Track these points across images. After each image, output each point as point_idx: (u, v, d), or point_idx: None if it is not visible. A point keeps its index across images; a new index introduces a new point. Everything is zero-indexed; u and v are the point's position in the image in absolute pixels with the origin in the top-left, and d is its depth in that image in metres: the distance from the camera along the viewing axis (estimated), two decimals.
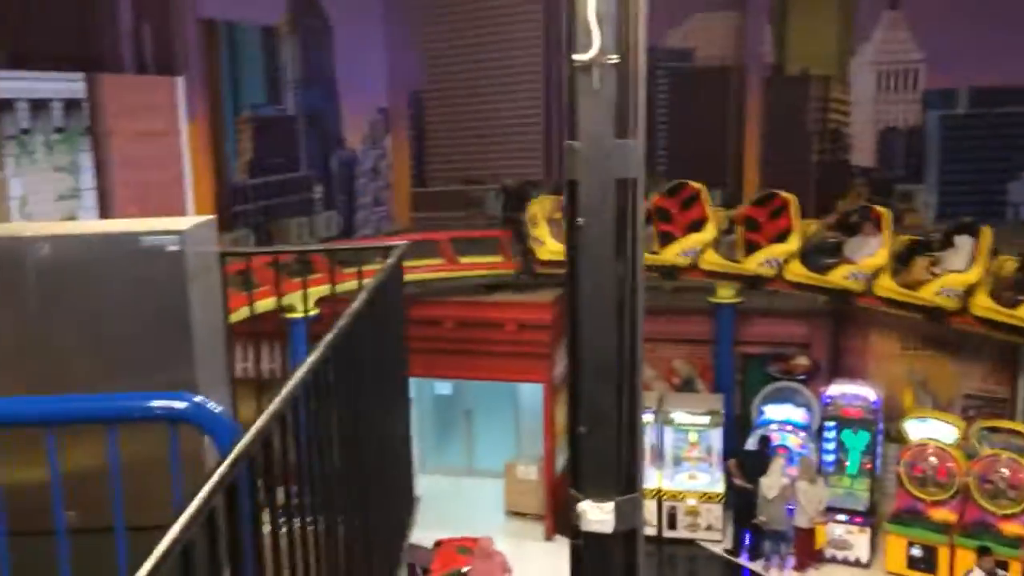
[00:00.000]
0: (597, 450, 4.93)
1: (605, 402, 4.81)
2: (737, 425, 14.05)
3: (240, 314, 5.18)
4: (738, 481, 12.74)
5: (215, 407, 1.67)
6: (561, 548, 13.31)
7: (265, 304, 11.33)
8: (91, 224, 4.19)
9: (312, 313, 11.90)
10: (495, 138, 17.98)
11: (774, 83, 16.31)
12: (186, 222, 3.39)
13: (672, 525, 13.43)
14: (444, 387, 15.02)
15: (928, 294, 12.65)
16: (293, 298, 11.34)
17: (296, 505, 1.87)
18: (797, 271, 13.23)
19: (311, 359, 2.04)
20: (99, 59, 13.06)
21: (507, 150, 17.84)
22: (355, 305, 2.54)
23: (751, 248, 13.60)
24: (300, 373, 1.94)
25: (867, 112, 15.94)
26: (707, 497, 13.41)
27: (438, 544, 11.27)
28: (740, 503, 12.84)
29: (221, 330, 3.61)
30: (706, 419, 13.57)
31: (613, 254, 4.57)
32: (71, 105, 12.15)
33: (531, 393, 14.15)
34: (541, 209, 13.77)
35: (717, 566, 13.14)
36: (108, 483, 2.60)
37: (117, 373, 3.31)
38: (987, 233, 12.80)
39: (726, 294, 13.90)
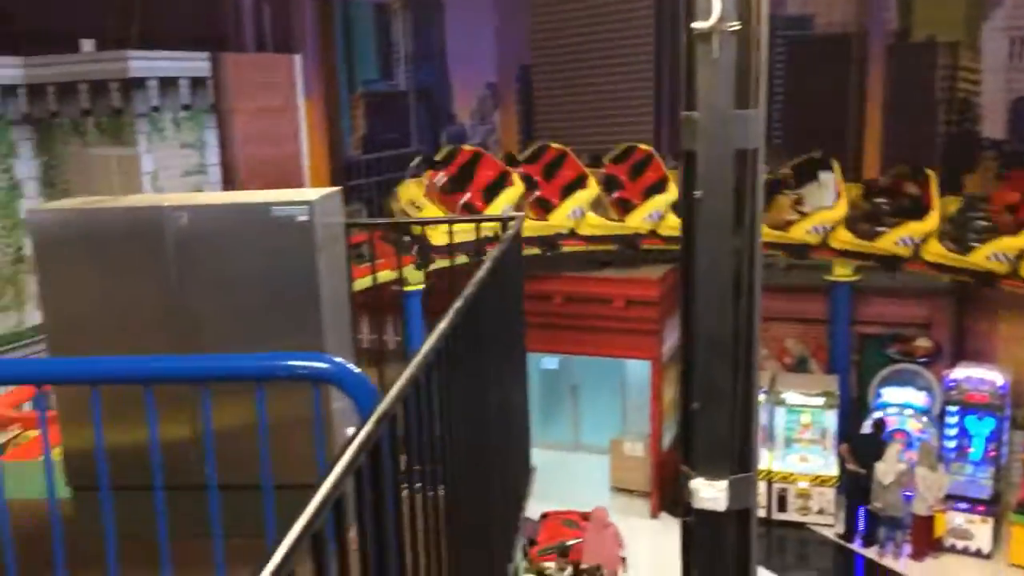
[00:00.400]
0: (710, 427, 4.87)
1: (720, 378, 4.74)
2: (852, 408, 13.63)
3: (357, 285, 5.31)
4: (850, 466, 12.37)
5: (356, 369, 1.73)
6: (666, 525, 13.29)
7: (385, 276, 11.65)
8: (225, 195, 4.37)
9: (423, 286, 12.16)
10: (603, 111, 17.81)
11: (898, 51, 15.57)
12: (314, 193, 3.49)
13: (782, 507, 13.17)
14: (551, 362, 15.07)
15: (800, 233, 12.68)
16: (406, 271, 11.60)
17: (424, 470, 1.92)
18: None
19: (443, 325, 2.08)
20: (223, 38, 13.56)
21: (616, 123, 17.65)
22: (480, 274, 2.58)
23: (626, 208, 13.22)
24: (433, 338, 1.99)
25: (998, 81, 15.04)
26: (819, 480, 13.08)
27: (544, 516, 11.37)
28: (853, 488, 12.47)
29: (346, 299, 3.72)
30: (820, 400, 13.20)
31: (731, 227, 4.48)
32: (197, 83, 12.65)
33: (638, 369, 14.06)
34: (416, 192, 12.93)
35: (828, 551, 12.83)
36: (239, 441, 2.72)
37: (248, 338, 3.44)
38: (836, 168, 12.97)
39: (843, 272, 13.42)
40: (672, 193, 12.87)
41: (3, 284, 12.23)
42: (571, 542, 10.57)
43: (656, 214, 13.14)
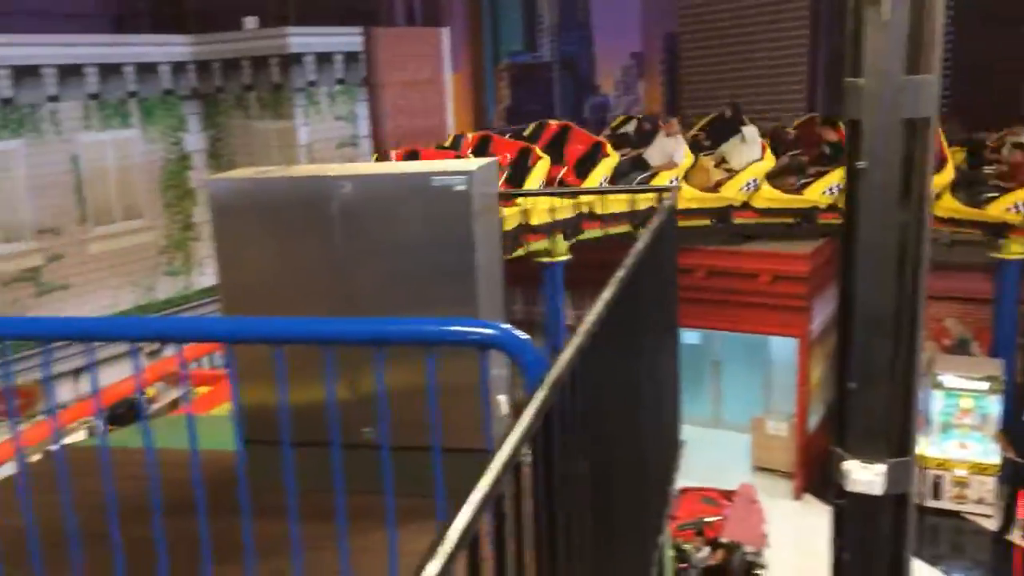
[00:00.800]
0: (867, 408, 4.69)
1: (880, 357, 4.55)
2: (1018, 393, 12.78)
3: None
4: (1008, 454, 11.64)
5: (524, 335, 1.76)
6: (809, 508, 12.90)
7: (538, 246, 11.77)
8: (386, 165, 4.50)
9: (565, 258, 12.19)
10: (753, 80, 17.24)
11: None
12: (473, 163, 3.55)
13: (936, 495, 12.54)
14: (692, 337, 14.84)
15: (733, 192, 12.25)
16: (545, 243, 11.67)
17: (586, 439, 1.94)
18: None
19: (606, 295, 2.08)
20: (374, 13, 13.93)
21: (766, 92, 17.06)
22: (639, 244, 2.56)
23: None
24: (598, 308, 1.99)
25: None
26: (979, 468, 12.36)
27: (682, 492, 11.28)
28: (1013, 477, 11.74)
29: (499, 269, 3.77)
30: (984, 385, 12.44)
31: (897, 200, 4.27)
32: (350, 58, 13.08)
33: (783, 347, 13.65)
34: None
35: (985, 542, 12.14)
36: (393, 404, 2.81)
37: (403, 304, 3.55)
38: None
39: (1017, 249, 12.52)
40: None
41: (174, 250, 13.10)
42: (709, 519, 10.45)
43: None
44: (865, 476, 4.77)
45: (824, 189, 12.56)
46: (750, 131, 12.67)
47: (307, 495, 2.68)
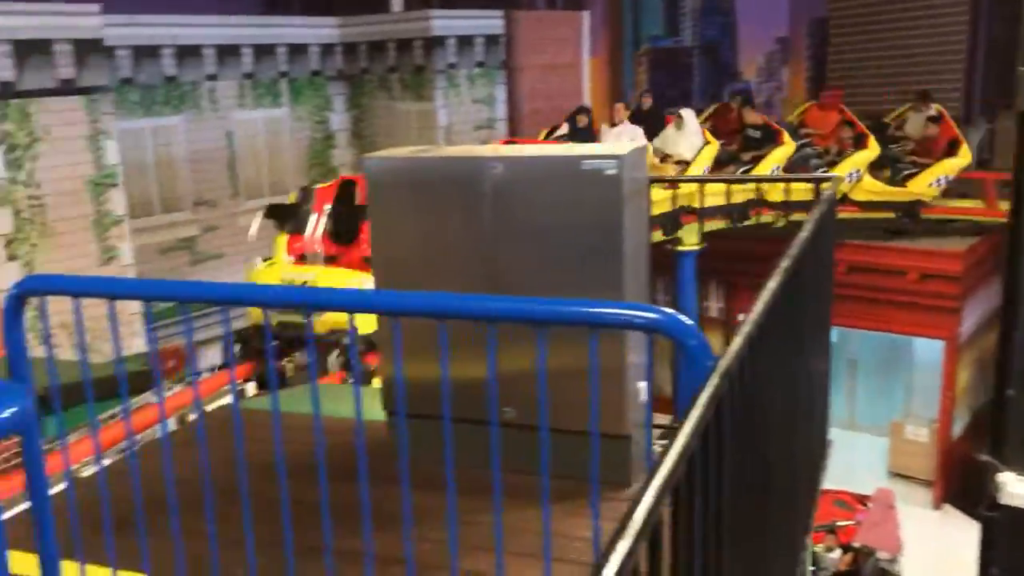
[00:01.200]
0: None
1: None
2: None
3: None
4: None
5: (689, 321, 1.73)
6: (949, 518, 12.27)
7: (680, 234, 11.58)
8: (535, 148, 4.51)
9: (698, 248, 11.95)
10: (907, 68, 16.41)
11: None
12: (624, 148, 3.52)
13: None
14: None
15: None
16: (683, 230, 11.46)
17: (748, 431, 1.89)
18: None
19: (772, 284, 2.02)
20: None
21: (921, 80, 16.22)
22: (802, 235, 2.48)
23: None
24: (764, 298, 1.94)
25: None
26: None
27: None
28: None
29: (645, 254, 3.73)
30: None
31: None
32: (491, 41, 13.19)
33: (926, 348, 12.99)
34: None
35: None
36: (531, 383, 2.82)
37: (548, 285, 3.55)
38: None
39: None
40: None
41: None
42: (842, 523, 10.11)
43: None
44: (1022, 489, 4.52)
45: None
46: (688, 114, 11.74)
47: (431, 469, 2.72)
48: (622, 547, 0.96)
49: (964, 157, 12.03)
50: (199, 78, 11.75)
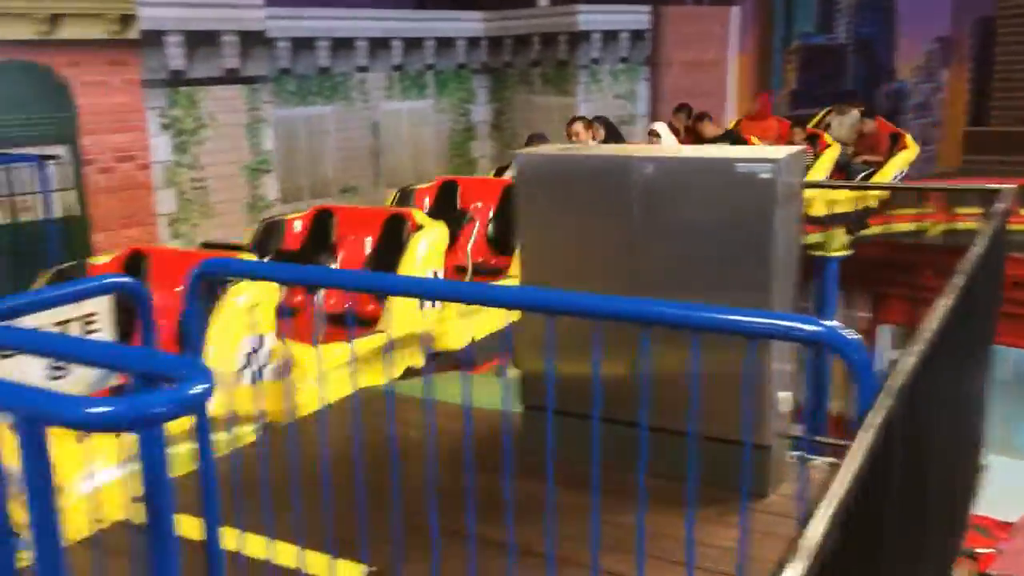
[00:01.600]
0: None
1: None
2: None
3: None
4: None
5: (852, 334, 1.68)
6: None
7: (814, 238, 11.22)
8: (688, 149, 4.46)
9: (845, 254, 11.49)
10: None
11: None
12: (781, 151, 3.44)
13: None
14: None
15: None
16: (829, 235, 11.05)
17: (916, 453, 1.82)
18: None
19: (946, 302, 1.92)
20: None
21: None
22: (976, 249, 2.35)
23: None
24: (938, 315, 1.85)
25: None
26: None
27: None
28: None
29: (794, 259, 3.63)
30: None
31: None
32: (636, 36, 13.07)
33: None
34: None
35: None
36: (673, 387, 2.79)
37: (694, 288, 3.51)
38: None
39: None
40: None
41: None
42: (981, 550, 9.54)
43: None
44: None
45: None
46: (660, 127, 10.88)
47: (565, 465, 2.74)
48: (792, 572, 0.94)
49: (913, 148, 11.36)
50: (350, 69, 12.16)
